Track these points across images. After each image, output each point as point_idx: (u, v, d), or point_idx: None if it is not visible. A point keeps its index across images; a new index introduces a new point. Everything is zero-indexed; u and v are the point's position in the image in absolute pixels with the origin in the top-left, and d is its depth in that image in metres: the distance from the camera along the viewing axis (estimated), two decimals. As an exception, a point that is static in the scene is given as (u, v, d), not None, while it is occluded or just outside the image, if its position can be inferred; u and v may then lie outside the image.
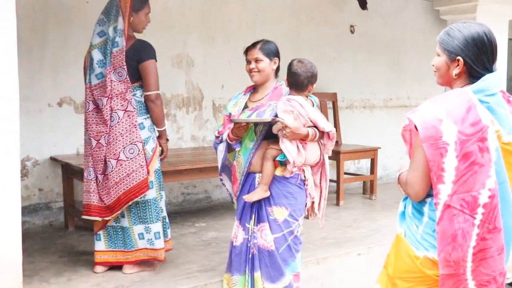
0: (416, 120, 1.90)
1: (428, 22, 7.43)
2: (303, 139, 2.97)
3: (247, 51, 3.18)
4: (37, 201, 4.84)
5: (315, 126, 3.01)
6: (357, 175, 6.45)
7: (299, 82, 3.03)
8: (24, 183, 4.70)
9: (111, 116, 3.47)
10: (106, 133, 3.48)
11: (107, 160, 3.49)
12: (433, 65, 2.07)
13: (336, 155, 5.61)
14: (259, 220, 3.10)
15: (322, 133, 3.06)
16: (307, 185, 3.10)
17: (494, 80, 1.94)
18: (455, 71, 1.97)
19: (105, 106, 3.47)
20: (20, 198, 2.75)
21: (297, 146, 2.97)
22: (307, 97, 3.11)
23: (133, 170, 3.46)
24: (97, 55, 3.50)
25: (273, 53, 3.15)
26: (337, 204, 5.67)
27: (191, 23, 5.59)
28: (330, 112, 6.28)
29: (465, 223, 1.85)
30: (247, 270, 3.13)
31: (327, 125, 3.02)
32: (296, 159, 2.98)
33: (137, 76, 3.53)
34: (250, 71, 3.16)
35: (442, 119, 1.84)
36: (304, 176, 3.08)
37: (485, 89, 1.91)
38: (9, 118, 2.65)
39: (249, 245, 3.13)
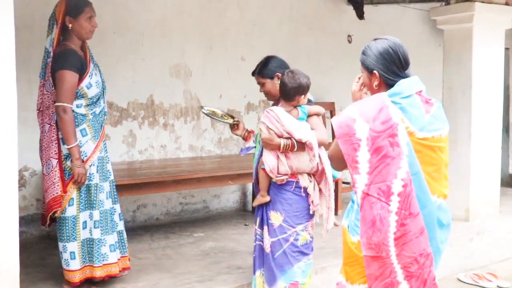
0: (334, 121, 2.21)
1: (425, 31, 7.47)
2: (278, 149, 3.05)
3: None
4: (34, 211, 4.82)
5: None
6: (355, 184, 6.44)
7: (285, 92, 3.10)
8: (22, 193, 4.68)
9: (41, 129, 3.47)
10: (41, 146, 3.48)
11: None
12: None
13: (333, 164, 5.61)
14: (262, 223, 3.23)
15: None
16: (308, 192, 3.12)
17: (407, 85, 2.23)
18: (375, 82, 2.27)
19: (38, 119, 3.49)
20: (17, 208, 2.75)
21: (278, 156, 3.06)
22: (295, 107, 3.13)
23: (48, 186, 3.35)
24: (40, 70, 3.49)
25: (273, 71, 3.24)
26: (335, 213, 5.64)
27: (189, 32, 5.61)
28: (328, 122, 6.27)
29: (382, 209, 2.09)
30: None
31: (304, 136, 3.02)
32: (279, 168, 3.06)
33: None
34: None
35: (355, 119, 2.13)
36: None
37: (399, 92, 2.20)
38: (7, 128, 2.65)
39: (255, 244, 3.31)
